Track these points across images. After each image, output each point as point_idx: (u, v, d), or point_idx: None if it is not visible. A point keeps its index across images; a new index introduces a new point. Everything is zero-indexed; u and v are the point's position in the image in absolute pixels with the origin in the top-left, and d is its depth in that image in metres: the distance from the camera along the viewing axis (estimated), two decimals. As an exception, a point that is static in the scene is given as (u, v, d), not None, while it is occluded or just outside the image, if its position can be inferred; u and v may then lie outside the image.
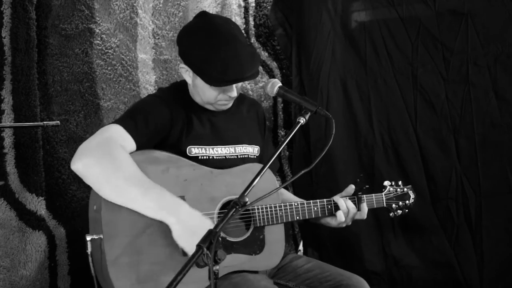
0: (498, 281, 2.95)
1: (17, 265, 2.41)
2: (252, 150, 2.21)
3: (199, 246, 1.48)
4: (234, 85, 2.03)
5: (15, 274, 2.40)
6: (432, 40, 3.00)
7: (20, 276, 2.41)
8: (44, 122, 2.21)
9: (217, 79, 1.97)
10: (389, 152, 3.12)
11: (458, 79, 2.97)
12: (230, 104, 2.13)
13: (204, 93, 2.05)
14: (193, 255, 1.48)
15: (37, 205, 2.47)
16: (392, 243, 3.14)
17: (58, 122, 2.22)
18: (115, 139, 1.87)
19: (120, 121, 1.93)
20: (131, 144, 1.90)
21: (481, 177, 2.95)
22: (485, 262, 2.95)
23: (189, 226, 1.81)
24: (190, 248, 1.80)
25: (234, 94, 2.06)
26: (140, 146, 1.93)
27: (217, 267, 1.48)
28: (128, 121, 1.93)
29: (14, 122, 2.39)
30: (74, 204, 2.57)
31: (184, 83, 2.15)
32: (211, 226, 1.72)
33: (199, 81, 2.01)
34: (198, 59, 1.97)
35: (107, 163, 1.81)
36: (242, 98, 2.27)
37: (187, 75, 2.06)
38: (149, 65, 2.89)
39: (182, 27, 2.12)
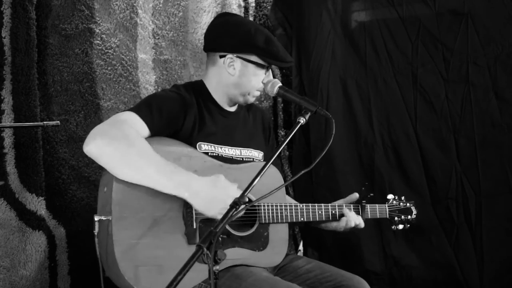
0: (498, 281, 2.95)
1: (17, 265, 2.41)
2: (257, 154, 2.25)
3: (199, 246, 1.48)
4: (270, 72, 2.18)
5: (15, 274, 2.40)
6: (432, 40, 3.00)
7: (20, 276, 2.41)
8: (44, 122, 2.21)
9: (280, 58, 2.12)
10: (389, 152, 3.12)
11: (458, 79, 2.97)
12: (257, 95, 2.22)
13: (250, 82, 2.12)
14: (193, 255, 1.48)
15: (37, 205, 2.47)
16: (392, 243, 3.14)
17: (58, 122, 2.21)
18: (127, 121, 1.89)
19: (134, 109, 1.96)
20: (144, 130, 1.92)
21: (481, 177, 2.95)
22: (485, 262, 2.95)
23: (205, 195, 1.85)
24: (214, 213, 1.86)
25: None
26: (153, 134, 1.95)
27: (217, 267, 1.48)
28: (142, 108, 1.95)
29: (14, 122, 2.39)
30: (74, 204, 2.57)
31: (200, 82, 2.21)
32: (225, 182, 1.85)
33: (250, 69, 2.10)
34: (262, 40, 2.08)
35: (120, 142, 1.82)
36: (250, 105, 2.30)
37: (231, 67, 2.11)
38: (149, 65, 2.89)
39: (216, 27, 2.18)
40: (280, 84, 1.98)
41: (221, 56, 2.12)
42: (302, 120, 1.80)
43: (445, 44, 2.98)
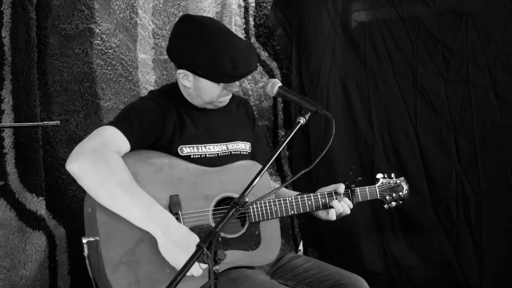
0: (498, 281, 2.95)
1: (17, 265, 2.41)
2: (244, 146, 2.23)
3: (199, 246, 1.48)
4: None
5: (15, 274, 2.40)
6: (432, 40, 3.00)
7: (20, 276, 2.41)
8: (44, 122, 2.21)
9: (229, 76, 2.00)
10: (389, 152, 3.13)
11: (458, 79, 2.97)
12: (228, 100, 2.17)
13: (208, 93, 2.06)
14: (193, 255, 1.48)
15: (37, 205, 2.47)
16: (392, 243, 3.14)
17: (58, 122, 2.22)
18: (110, 142, 1.88)
19: (114, 123, 1.95)
20: (126, 146, 1.92)
21: (481, 177, 2.95)
22: (485, 262, 2.96)
23: (174, 239, 1.83)
24: (171, 259, 1.83)
25: (237, 88, 2.11)
26: (134, 147, 1.95)
27: (217, 267, 1.48)
28: (122, 122, 1.95)
29: (14, 122, 2.39)
30: (74, 204, 2.57)
31: (175, 85, 2.17)
32: (197, 241, 1.79)
33: (203, 83, 2.03)
34: (206, 60, 1.99)
35: (101, 167, 1.82)
36: (232, 97, 2.27)
37: (186, 80, 2.07)
38: (149, 65, 2.89)
39: (172, 36, 2.11)
40: (280, 84, 1.97)
41: (177, 67, 2.09)
42: (302, 120, 1.80)
43: (445, 44, 2.98)
